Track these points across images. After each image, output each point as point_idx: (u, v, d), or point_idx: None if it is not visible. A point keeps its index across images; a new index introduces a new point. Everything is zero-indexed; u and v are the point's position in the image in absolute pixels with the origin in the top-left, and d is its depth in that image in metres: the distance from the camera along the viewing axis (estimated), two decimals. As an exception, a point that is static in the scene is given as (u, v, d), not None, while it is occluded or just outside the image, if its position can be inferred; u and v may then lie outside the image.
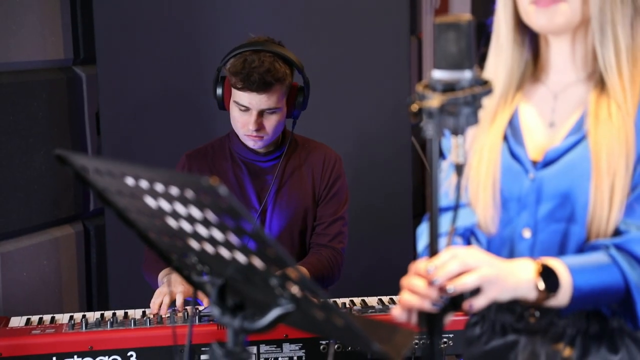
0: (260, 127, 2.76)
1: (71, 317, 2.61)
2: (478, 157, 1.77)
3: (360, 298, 2.75)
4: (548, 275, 1.59)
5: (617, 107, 1.66)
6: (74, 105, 3.76)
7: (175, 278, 2.72)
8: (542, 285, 1.58)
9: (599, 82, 1.70)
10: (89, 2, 3.67)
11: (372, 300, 2.73)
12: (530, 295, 1.59)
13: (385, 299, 2.73)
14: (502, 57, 1.78)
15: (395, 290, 1.64)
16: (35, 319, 2.64)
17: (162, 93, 3.71)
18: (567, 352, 1.72)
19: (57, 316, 2.66)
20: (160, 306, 2.64)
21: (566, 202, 1.69)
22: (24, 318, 2.65)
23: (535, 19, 1.69)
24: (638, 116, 1.66)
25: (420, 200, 4.60)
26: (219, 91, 2.84)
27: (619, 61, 1.67)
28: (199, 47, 3.69)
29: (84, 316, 2.61)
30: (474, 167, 1.77)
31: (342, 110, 3.84)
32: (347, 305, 2.70)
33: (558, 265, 1.61)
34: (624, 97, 1.66)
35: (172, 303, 2.66)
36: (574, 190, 1.68)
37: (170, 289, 2.66)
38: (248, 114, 2.76)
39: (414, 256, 1.82)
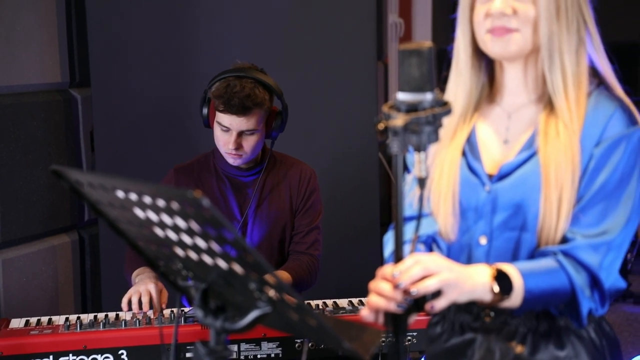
0: (239, 146, 2.76)
1: (67, 319, 2.59)
2: (439, 171, 1.77)
3: (332, 300, 2.74)
4: (502, 279, 1.59)
5: (564, 127, 1.67)
6: (70, 124, 3.74)
7: (146, 278, 2.70)
8: (496, 288, 1.59)
9: (548, 104, 1.71)
10: (84, 30, 3.65)
11: (343, 302, 2.72)
12: (486, 297, 1.59)
13: (355, 300, 2.72)
14: (461, 81, 1.79)
15: (364, 292, 1.63)
16: (33, 320, 2.61)
17: (151, 113, 3.70)
18: (519, 348, 1.72)
19: (54, 318, 2.63)
20: (129, 304, 2.62)
21: (519, 212, 1.69)
22: (23, 320, 2.62)
23: (491, 46, 1.70)
24: (583, 135, 1.67)
25: (387, 210, 4.60)
26: (205, 111, 2.83)
27: (566, 85, 1.68)
28: (187, 71, 3.68)
29: (78, 318, 2.58)
30: (435, 180, 1.77)
31: (316, 129, 3.84)
32: (320, 307, 2.69)
33: (511, 270, 1.61)
34: (570, 117, 1.67)
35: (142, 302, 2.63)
36: (526, 201, 1.68)
37: (144, 287, 2.64)
38: (229, 134, 2.75)
39: (381, 262, 1.82)
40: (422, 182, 1.50)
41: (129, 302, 2.63)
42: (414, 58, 1.46)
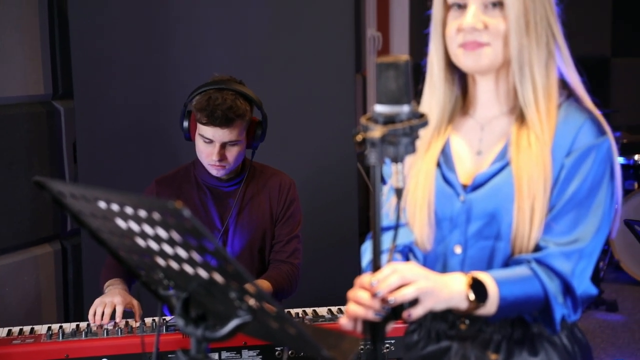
0: (222, 157, 2.76)
1: (49, 328, 2.57)
2: (415, 182, 1.78)
3: (311, 308, 2.74)
4: (477, 287, 1.60)
5: (535, 138, 1.68)
6: (53, 136, 3.72)
7: (114, 289, 2.69)
8: (472, 296, 1.59)
9: (520, 116, 1.72)
10: (67, 42, 3.64)
11: (322, 310, 2.72)
12: (462, 305, 1.60)
13: (334, 309, 2.72)
14: (435, 94, 1.80)
15: (343, 301, 1.63)
16: (16, 329, 2.59)
17: (133, 125, 3.69)
18: (493, 356, 1.72)
19: (36, 327, 2.61)
20: (95, 315, 2.60)
21: (493, 221, 1.70)
22: (6, 329, 2.60)
23: (463, 60, 1.71)
24: (554, 145, 1.68)
25: (365, 220, 4.60)
26: (185, 124, 2.83)
27: (537, 97, 1.69)
28: (168, 83, 3.68)
29: (60, 327, 2.57)
30: (411, 191, 1.78)
31: (296, 140, 3.85)
32: (300, 315, 2.69)
33: (486, 278, 1.62)
34: (541, 128, 1.68)
35: (113, 313, 2.62)
36: (500, 211, 1.69)
37: (110, 299, 2.63)
38: (212, 146, 2.75)
39: (359, 271, 1.82)
40: (399, 192, 1.50)
41: (95, 314, 2.62)
42: (391, 71, 1.47)
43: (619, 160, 4.48)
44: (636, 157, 5.94)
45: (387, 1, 6.03)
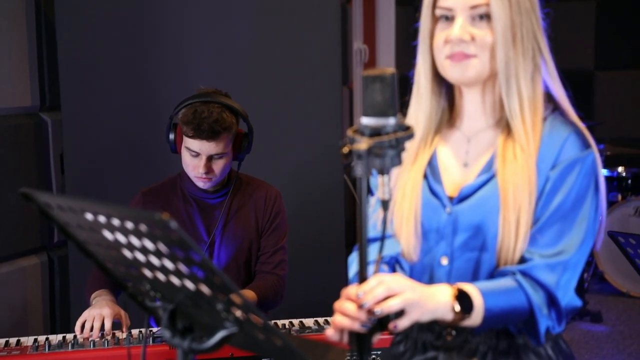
0: (209, 170, 2.75)
1: (35, 340, 2.55)
2: (402, 194, 1.78)
3: (298, 319, 2.73)
4: (463, 298, 1.60)
5: (521, 150, 1.69)
6: (40, 147, 3.71)
7: (101, 300, 2.68)
8: (458, 307, 1.59)
9: (506, 128, 1.73)
10: (54, 54, 3.64)
11: (308, 322, 2.71)
12: (448, 316, 1.60)
13: (321, 320, 2.72)
14: (422, 105, 1.80)
15: (330, 312, 1.63)
16: (2, 341, 2.57)
17: (120, 136, 3.68)
18: (479, 365, 1.72)
19: (23, 339, 2.59)
20: (83, 328, 2.59)
21: (478, 233, 1.70)
22: (-8, 341, 2.58)
23: (450, 72, 1.72)
24: (539, 158, 1.69)
25: (352, 231, 4.60)
26: (172, 136, 2.83)
27: (522, 110, 1.70)
28: (155, 96, 3.68)
29: (47, 339, 2.55)
30: (398, 202, 1.78)
31: (283, 152, 3.85)
32: (287, 326, 2.68)
33: (472, 289, 1.62)
34: (527, 140, 1.69)
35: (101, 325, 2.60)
36: (485, 222, 1.69)
37: (98, 311, 2.61)
38: (198, 159, 2.75)
39: (346, 282, 1.81)
40: (385, 204, 1.50)
41: (83, 326, 2.59)
42: (377, 84, 1.47)
43: (603, 172, 4.51)
44: (620, 169, 5.97)
45: (374, 14, 6.05)
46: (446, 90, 1.80)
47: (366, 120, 1.48)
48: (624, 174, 5.95)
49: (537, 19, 1.71)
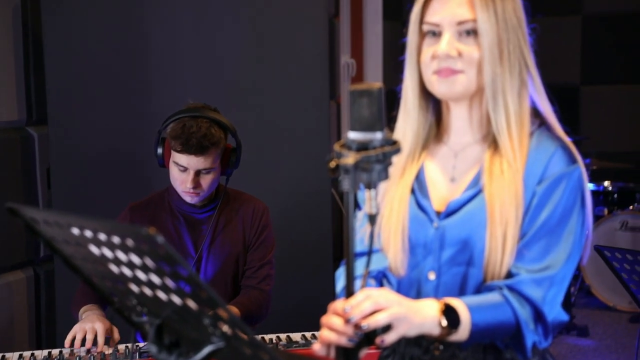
0: (197, 185, 2.75)
1: (21, 355, 2.54)
2: (389, 208, 1.78)
3: (285, 334, 2.72)
4: (450, 313, 1.60)
5: (508, 165, 1.69)
6: (27, 161, 3.70)
7: (92, 314, 2.66)
8: (444, 322, 1.59)
9: (493, 143, 1.73)
10: (41, 68, 3.63)
11: (296, 336, 2.71)
12: (435, 331, 1.60)
13: (308, 334, 2.71)
14: (409, 120, 1.80)
15: (317, 327, 1.63)
16: (-13, 357, 2.56)
17: (107, 151, 3.68)
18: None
19: (7, 355, 2.57)
20: (72, 341, 2.56)
21: (466, 248, 1.71)
22: (-23, 356, 2.56)
23: (437, 87, 1.72)
24: (526, 173, 1.69)
25: (340, 245, 4.60)
26: (160, 151, 2.82)
27: (509, 125, 1.71)
28: (142, 110, 3.67)
29: (32, 354, 2.54)
30: (385, 217, 1.78)
31: (271, 166, 3.84)
32: (274, 341, 2.67)
33: (458, 304, 1.62)
34: (513, 156, 1.69)
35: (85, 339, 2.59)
36: (472, 237, 1.69)
37: (90, 324, 2.60)
38: (186, 174, 2.74)
39: (333, 296, 1.81)
40: (372, 218, 1.50)
41: (73, 340, 2.58)
42: (364, 98, 1.47)
43: (589, 186, 4.52)
44: (606, 183, 6.00)
45: (361, 29, 6.07)
46: (433, 105, 1.81)
47: (353, 135, 1.48)
48: (610, 188, 5.98)
49: (524, 34, 1.72)
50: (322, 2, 3.91)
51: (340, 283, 1.84)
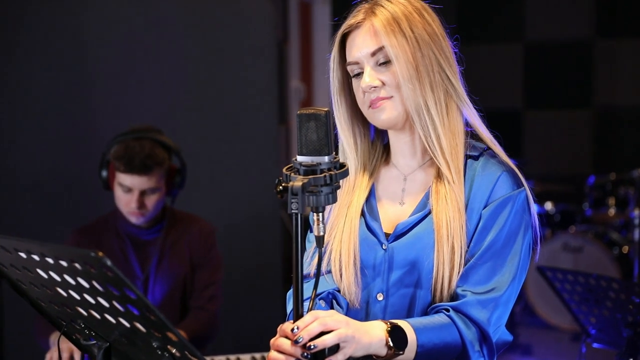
0: (141, 205, 2.74)
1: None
2: (340, 231, 1.79)
3: (235, 355, 2.70)
4: (397, 334, 1.61)
5: (449, 184, 1.71)
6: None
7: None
8: (391, 342, 1.60)
9: (437, 165, 1.75)
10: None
11: (245, 358, 2.69)
12: (382, 351, 1.60)
13: (258, 356, 2.70)
14: (348, 152, 1.83)
15: (267, 348, 1.62)
16: None
17: (52, 174, 3.61)
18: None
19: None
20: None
21: (413, 269, 1.71)
22: None
23: (373, 118, 1.75)
24: (472, 197, 1.71)
25: (289, 267, 4.59)
26: (104, 173, 2.80)
27: (440, 142, 1.72)
28: (87, 132, 3.62)
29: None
30: (336, 239, 1.78)
31: (220, 189, 3.83)
32: (223, 363, 2.65)
33: (405, 325, 1.62)
34: (449, 172, 1.72)
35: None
36: (420, 259, 1.71)
37: (67, 345, 2.55)
38: (131, 194, 2.73)
39: (283, 317, 1.81)
40: (319, 240, 1.51)
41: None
42: (311, 122, 1.48)
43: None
44: (548, 205, 6.09)
45: (311, 53, 6.11)
46: (382, 130, 1.83)
47: (301, 158, 1.49)
48: (552, 210, 6.07)
49: (440, 46, 1.73)
50: (271, 28, 3.93)
51: (290, 304, 1.84)
